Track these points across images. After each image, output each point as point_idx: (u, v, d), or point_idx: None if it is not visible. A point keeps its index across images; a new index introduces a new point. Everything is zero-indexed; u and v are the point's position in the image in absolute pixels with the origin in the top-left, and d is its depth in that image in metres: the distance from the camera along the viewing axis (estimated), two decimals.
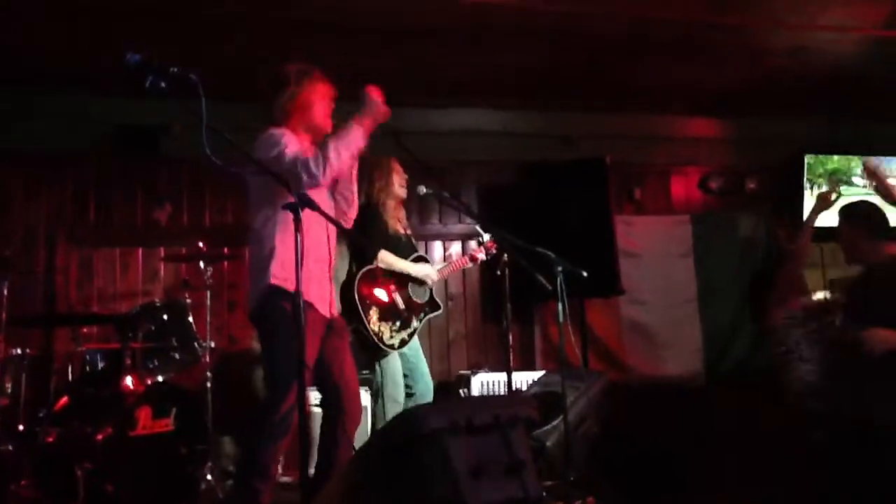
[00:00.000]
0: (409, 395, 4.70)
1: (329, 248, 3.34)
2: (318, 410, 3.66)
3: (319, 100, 3.42)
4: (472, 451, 2.73)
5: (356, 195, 3.60)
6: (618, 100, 6.57)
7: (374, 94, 3.28)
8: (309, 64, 3.46)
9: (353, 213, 3.61)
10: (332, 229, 3.33)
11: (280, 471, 3.39)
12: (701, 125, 7.24)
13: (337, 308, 3.59)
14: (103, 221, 5.93)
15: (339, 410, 3.36)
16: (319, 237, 3.29)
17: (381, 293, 4.62)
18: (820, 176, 7.11)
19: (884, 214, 4.02)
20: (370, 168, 4.75)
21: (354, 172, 3.56)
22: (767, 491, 3.91)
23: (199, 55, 5.03)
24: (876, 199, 4.45)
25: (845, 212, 4.13)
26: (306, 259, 3.17)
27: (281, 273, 3.15)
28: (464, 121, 6.64)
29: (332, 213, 3.43)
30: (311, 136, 3.42)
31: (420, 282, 4.84)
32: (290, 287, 3.02)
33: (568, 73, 6.01)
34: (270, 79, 3.42)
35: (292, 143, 3.21)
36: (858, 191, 6.91)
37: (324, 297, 3.32)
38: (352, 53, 5.23)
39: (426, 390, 4.77)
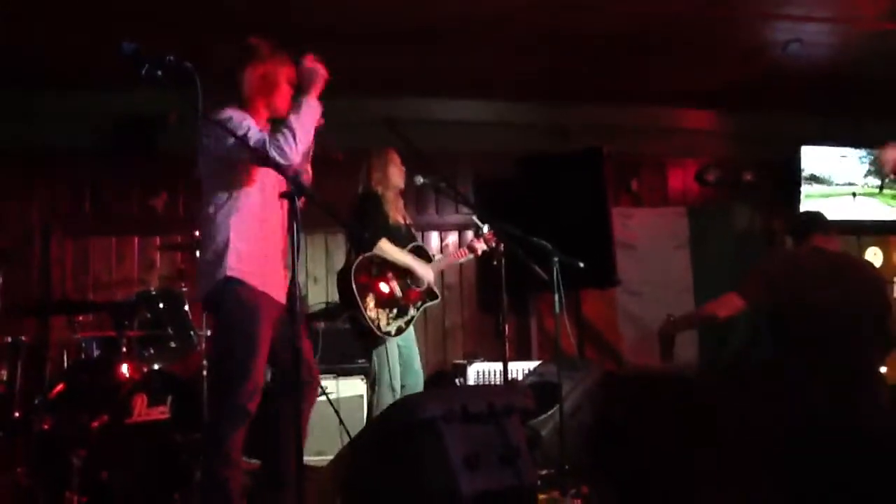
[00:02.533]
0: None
1: (283, 230, 3.24)
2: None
3: (285, 81, 3.29)
4: (468, 439, 2.74)
5: (312, 148, 3.41)
6: (615, 92, 6.57)
7: (309, 62, 3.21)
8: (275, 42, 3.33)
9: (308, 167, 3.46)
10: (284, 213, 3.15)
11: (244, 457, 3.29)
12: (698, 118, 7.24)
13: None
14: (99, 212, 5.93)
15: (297, 386, 3.15)
16: (274, 225, 3.23)
17: (378, 281, 4.62)
18: None
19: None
20: (368, 158, 4.75)
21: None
22: (760, 483, 3.92)
23: (198, 49, 5.01)
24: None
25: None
26: (260, 243, 3.15)
27: (237, 265, 3.09)
28: (461, 111, 6.63)
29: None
30: (269, 115, 3.30)
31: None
32: (248, 279, 3.08)
33: (566, 68, 6.02)
34: (240, 50, 3.28)
35: (254, 125, 3.11)
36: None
37: (278, 284, 3.23)
38: (350, 50, 5.22)
39: (416, 384, 4.77)
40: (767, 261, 4.00)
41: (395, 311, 4.65)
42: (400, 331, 4.66)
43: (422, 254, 4.91)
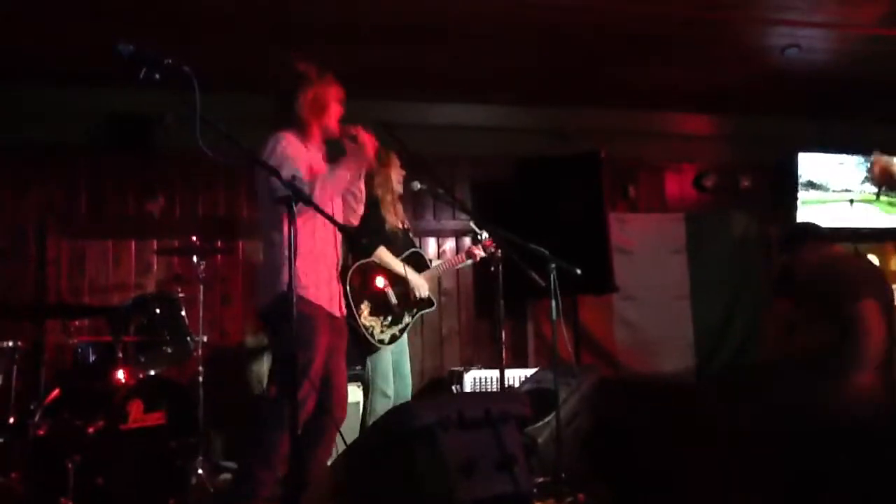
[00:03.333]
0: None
1: (335, 249, 3.48)
2: None
3: (333, 101, 3.51)
4: (464, 446, 2.73)
5: (364, 192, 3.67)
6: (612, 96, 6.57)
7: (365, 141, 3.42)
8: (317, 64, 3.50)
9: (361, 208, 3.73)
10: (335, 231, 3.40)
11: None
12: (696, 122, 7.24)
13: (344, 308, 3.67)
14: (95, 213, 5.90)
15: (324, 411, 3.38)
16: (327, 238, 3.40)
17: (373, 288, 4.61)
18: None
19: None
20: None
21: (361, 170, 3.60)
22: (756, 487, 3.92)
23: (196, 46, 5.01)
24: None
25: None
26: (313, 260, 3.27)
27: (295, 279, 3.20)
28: (458, 115, 6.62)
29: (339, 208, 3.55)
30: (324, 135, 3.53)
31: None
32: (302, 293, 3.20)
33: (563, 71, 6.01)
34: (290, 74, 3.46)
35: (295, 157, 3.32)
36: None
37: (332, 297, 3.45)
38: (349, 51, 5.22)
39: (404, 391, 4.76)
40: (843, 265, 3.94)
41: (389, 318, 4.65)
42: (394, 339, 4.65)
43: (419, 260, 4.91)
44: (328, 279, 3.44)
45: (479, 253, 4.95)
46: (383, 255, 4.62)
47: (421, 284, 4.77)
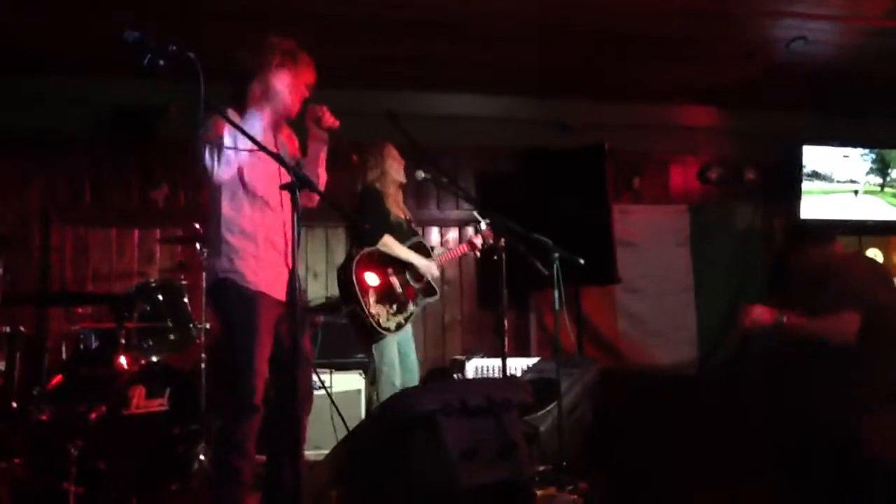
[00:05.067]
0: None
1: (285, 233, 3.24)
2: None
3: (297, 86, 3.32)
4: (465, 433, 2.73)
5: (322, 178, 3.48)
6: (617, 89, 6.56)
7: (329, 124, 3.33)
8: (290, 42, 3.33)
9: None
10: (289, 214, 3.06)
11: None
12: (700, 115, 7.23)
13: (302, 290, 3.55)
14: (98, 202, 5.92)
15: (286, 398, 3.22)
16: (273, 223, 3.25)
17: (378, 276, 4.61)
18: None
19: None
20: (365, 153, 4.73)
21: (322, 155, 3.46)
22: (756, 480, 3.92)
23: (199, 36, 5.00)
24: None
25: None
26: (258, 244, 3.20)
27: (229, 266, 3.17)
28: (462, 106, 6.62)
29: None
30: (277, 118, 3.34)
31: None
32: (239, 280, 3.14)
33: (568, 63, 6.00)
34: (254, 51, 3.29)
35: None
36: None
37: (277, 282, 3.24)
38: (350, 41, 5.22)
39: (411, 379, 4.76)
40: (844, 268, 3.91)
41: (395, 307, 4.64)
42: (399, 326, 4.65)
43: (422, 249, 4.90)
44: (273, 262, 3.24)
45: (478, 243, 4.95)
46: (389, 242, 4.62)
47: (430, 267, 4.77)
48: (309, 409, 3.39)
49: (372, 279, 4.57)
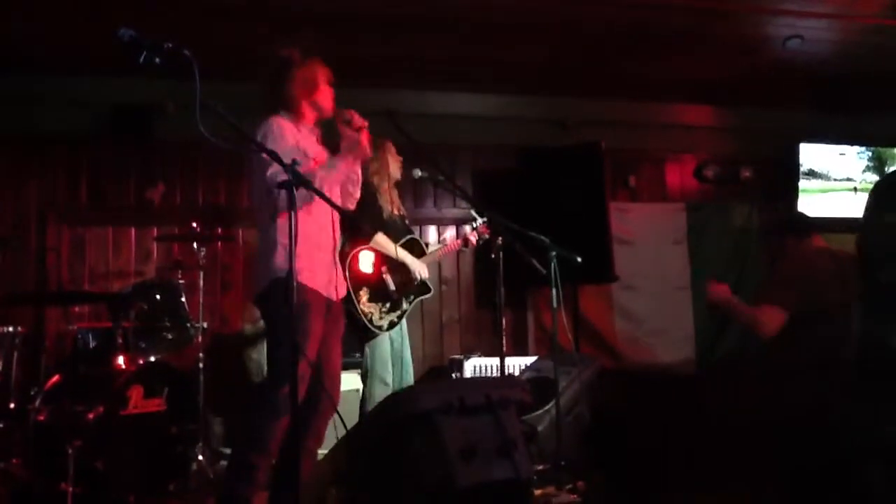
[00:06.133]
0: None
1: (332, 233, 3.40)
2: None
3: (322, 81, 3.48)
4: (464, 432, 2.73)
5: (360, 176, 3.63)
6: (614, 87, 6.56)
7: (360, 127, 3.40)
8: (305, 47, 3.47)
9: (358, 192, 3.67)
10: (336, 213, 3.33)
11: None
12: (697, 113, 7.24)
13: (343, 291, 3.62)
14: (95, 201, 5.90)
15: (316, 399, 3.33)
16: (323, 223, 3.35)
17: (371, 274, 4.61)
18: None
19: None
20: None
21: (353, 156, 3.55)
22: (754, 479, 3.93)
23: (197, 35, 5.00)
24: None
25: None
26: (309, 245, 3.25)
27: (285, 265, 3.15)
28: (460, 104, 6.61)
29: (337, 194, 3.48)
30: (318, 115, 3.50)
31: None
32: (298, 278, 3.12)
33: (564, 62, 6.00)
34: (273, 62, 3.44)
35: (287, 139, 3.30)
36: None
37: (329, 282, 3.40)
38: (348, 39, 5.21)
39: (406, 377, 4.77)
40: (803, 264, 3.95)
41: (387, 305, 4.65)
42: (392, 325, 4.65)
43: (415, 246, 4.90)
44: (326, 263, 3.39)
45: (473, 238, 4.97)
46: (382, 240, 4.62)
47: (419, 267, 4.78)
48: (332, 411, 3.41)
49: (364, 277, 4.58)
